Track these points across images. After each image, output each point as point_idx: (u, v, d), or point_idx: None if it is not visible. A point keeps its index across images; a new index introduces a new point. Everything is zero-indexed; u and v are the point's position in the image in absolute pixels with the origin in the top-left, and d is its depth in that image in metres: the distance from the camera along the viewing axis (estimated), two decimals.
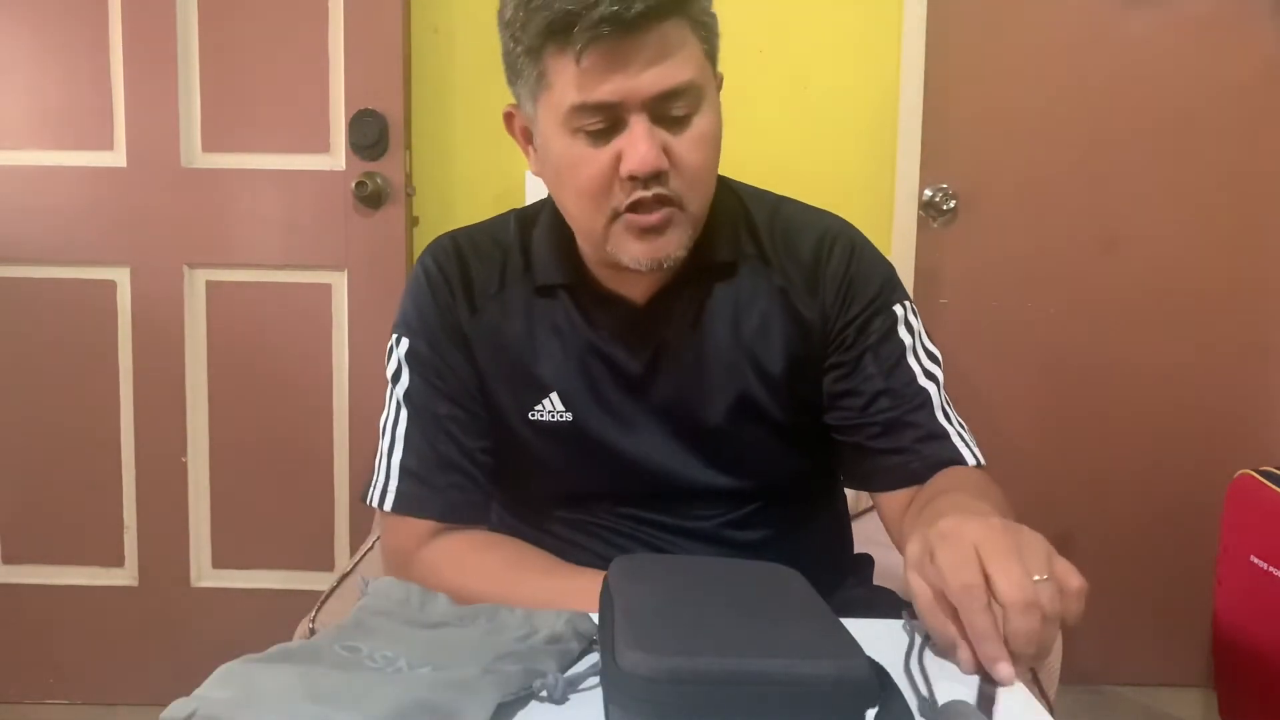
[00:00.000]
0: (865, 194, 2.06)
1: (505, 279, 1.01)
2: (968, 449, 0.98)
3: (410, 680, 0.66)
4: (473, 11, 2.02)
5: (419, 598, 0.80)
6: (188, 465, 2.04)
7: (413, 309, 1.02)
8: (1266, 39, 2.11)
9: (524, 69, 0.88)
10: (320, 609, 1.37)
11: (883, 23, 2.03)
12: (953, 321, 2.16)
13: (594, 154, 0.86)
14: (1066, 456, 2.22)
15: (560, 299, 0.99)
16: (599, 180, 0.87)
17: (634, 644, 0.59)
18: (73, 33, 1.95)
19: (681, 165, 0.87)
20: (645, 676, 0.58)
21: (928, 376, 0.99)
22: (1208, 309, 2.17)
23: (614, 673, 0.60)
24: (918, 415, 0.97)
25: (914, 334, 1.00)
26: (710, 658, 0.58)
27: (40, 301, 2.01)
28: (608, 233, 0.90)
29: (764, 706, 0.58)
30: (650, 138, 0.84)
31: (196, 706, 0.60)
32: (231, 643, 0.88)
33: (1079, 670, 1.84)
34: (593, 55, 0.82)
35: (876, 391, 0.97)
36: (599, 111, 0.84)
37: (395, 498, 0.98)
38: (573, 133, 0.86)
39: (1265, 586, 1.84)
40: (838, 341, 0.99)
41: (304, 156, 1.97)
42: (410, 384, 1.00)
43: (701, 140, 0.88)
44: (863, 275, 0.99)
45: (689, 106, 0.86)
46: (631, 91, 0.83)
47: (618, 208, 0.88)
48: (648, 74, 0.82)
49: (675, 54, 0.84)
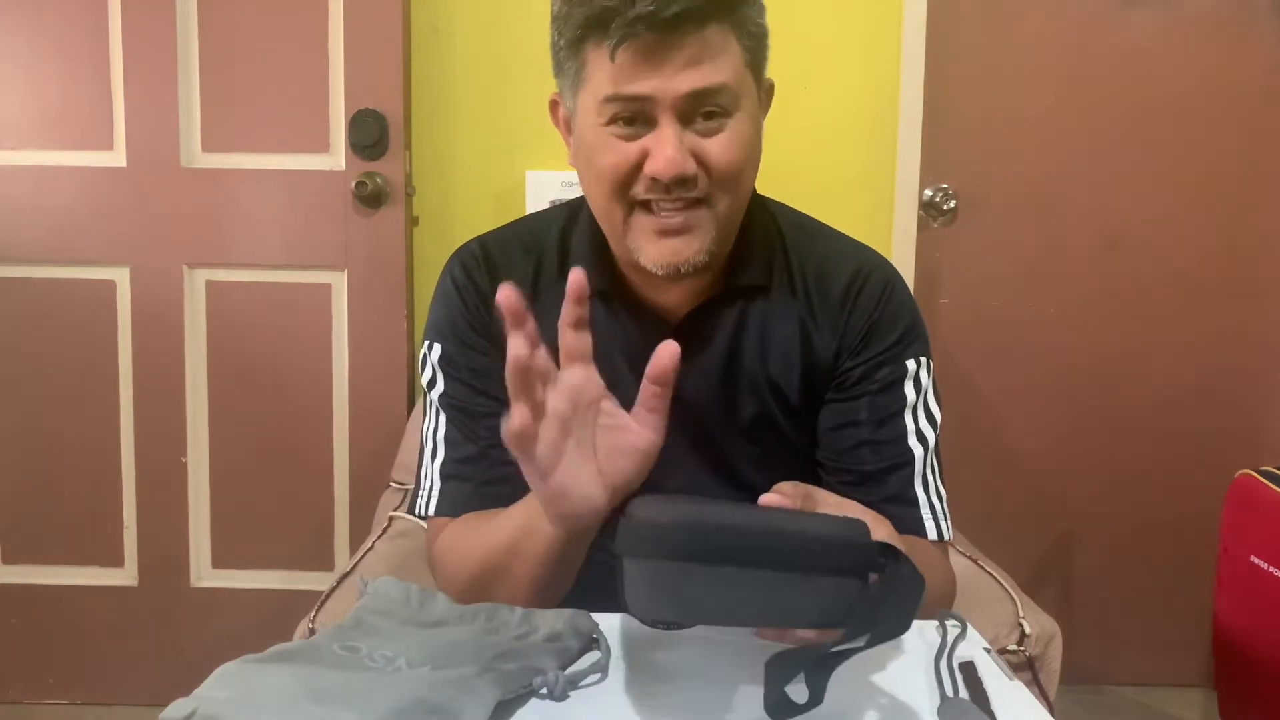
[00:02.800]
0: (865, 194, 2.06)
1: (539, 284, 1.00)
2: (934, 522, 0.97)
3: (410, 679, 0.66)
4: (473, 11, 2.02)
5: (418, 597, 0.80)
6: (188, 465, 2.04)
7: (442, 314, 1.01)
8: (1266, 39, 2.11)
9: (565, 62, 0.89)
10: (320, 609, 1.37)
11: (883, 23, 2.03)
12: (953, 321, 2.16)
13: (622, 145, 0.86)
14: (1066, 456, 2.22)
15: (596, 307, 0.99)
16: (622, 170, 0.87)
17: (646, 504, 0.63)
18: (73, 33, 1.95)
19: (711, 166, 0.86)
20: (655, 522, 0.61)
21: (919, 438, 0.97)
22: (1207, 309, 2.17)
23: (625, 529, 0.62)
24: (894, 475, 0.96)
25: (920, 391, 0.98)
26: (720, 512, 0.62)
27: (40, 301, 2.01)
28: (627, 227, 0.90)
29: (769, 559, 0.59)
30: (677, 142, 0.84)
31: (196, 706, 0.60)
32: (231, 643, 0.88)
33: (1079, 670, 1.84)
34: (627, 51, 0.82)
35: (861, 440, 0.96)
36: (630, 104, 0.85)
37: (438, 501, 0.98)
38: (605, 123, 0.87)
39: (1265, 586, 1.84)
40: (841, 379, 0.98)
41: (304, 156, 1.97)
42: (446, 387, 0.99)
43: (733, 143, 0.87)
44: (887, 319, 0.98)
45: (723, 110, 0.86)
46: (662, 89, 0.83)
47: (635, 199, 0.88)
48: (681, 74, 0.83)
49: (713, 58, 0.84)
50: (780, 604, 0.61)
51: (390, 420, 2.00)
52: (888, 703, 0.68)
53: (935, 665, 0.73)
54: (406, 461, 1.86)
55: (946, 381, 1.02)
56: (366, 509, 1.93)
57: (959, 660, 0.74)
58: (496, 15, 2.02)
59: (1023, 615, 1.39)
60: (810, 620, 0.62)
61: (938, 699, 0.69)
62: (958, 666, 0.73)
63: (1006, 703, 0.69)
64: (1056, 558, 2.26)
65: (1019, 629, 1.38)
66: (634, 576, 0.62)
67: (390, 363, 2.01)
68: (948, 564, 1.00)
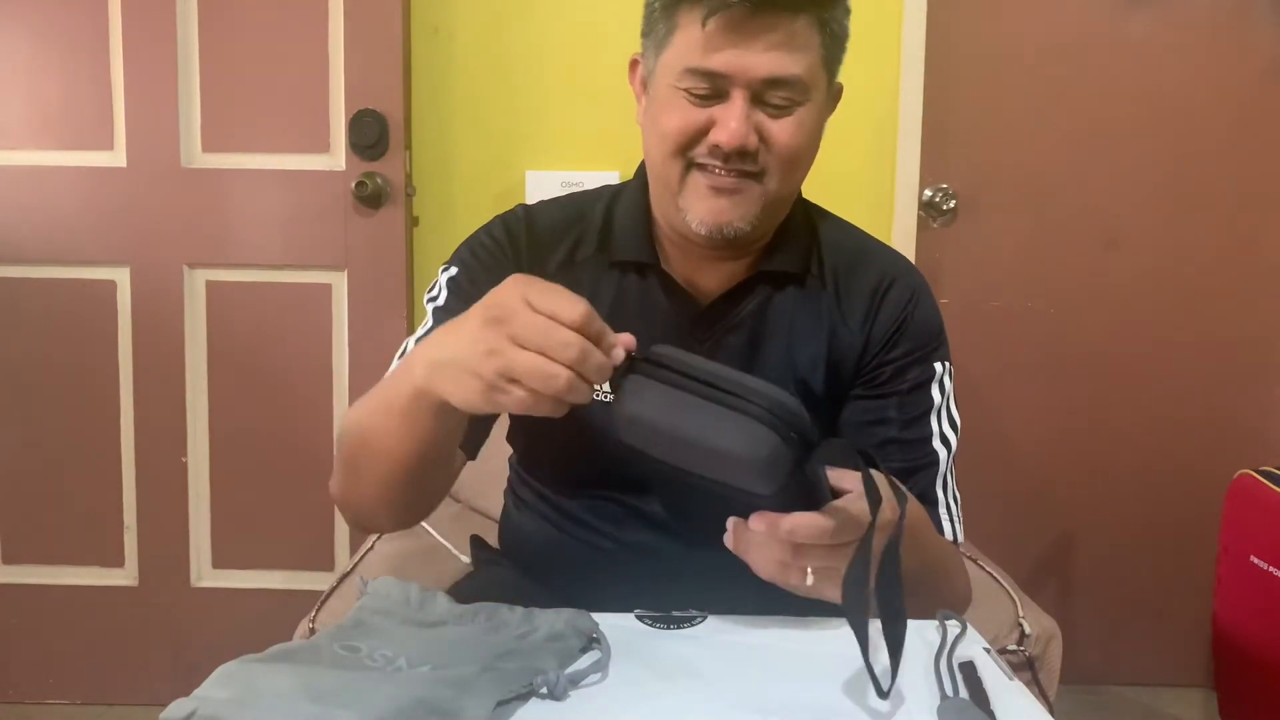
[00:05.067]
0: (865, 194, 2.06)
1: (576, 254, 1.01)
2: (950, 525, 0.98)
3: (410, 679, 0.66)
4: (473, 11, 2.02)
5: (418, 597, 0.80)
6: (188, 465, 2.04)
7: (468, 251, 1.02)
8: (1266, 39, 2.11)
9: (657, 22, 0.92)
10: (320, 609, 1.38)
11: (883, 23, 2.03)
12: (952, 321, 2.13)
13: (692, 110, 0.89)
14: (1067, 456, 2.22)
15: (631, 280, 1.00)
16: (689, 133, 0.89)
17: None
18: (73, 33, 1.95)
19: (772, 143, 0.89)
20: (653, 353, 0.70)
21: (942, 441, 0.99)
22: (1207, 309, 2.17)
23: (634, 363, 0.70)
24: (918, 476, 0.97)
25: (945, 395, 1.00)
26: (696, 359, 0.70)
27: (40, 301, 2.01)
28: (682, 184, 0.92)
29: (717, 396, 0.68)
30: (745, 116, 0.87)
31: (196, 706, 0.60)
32: (231, 643, 0.88)
33: (1079, 670, 1.84)
34: (719, 22, 0.85)
35: (889, 439, 0.97)
36: (708, 79, 0.88)
37: None
38: (681, 90, 0.89)
39: (1265, 586, 1.84)
40: (870, 376, 0.99)
41: (304, 156, 1.97)
42: (445, 301, 1.00)
43: (798, 128, 0.90)
44: (916, 321, 1.00)
45: (792, 99, 0.89)
46: (743, 68, 0.86)
47: (696, 158, 0.90)
48: (764, 56, 0.86)
49: (795, 48, 0.87)
50: (723, 444, 0.67)
51: None
52: (888, 702, 0.68)
53: (935, 665, 0.73)
54: None
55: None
56: None
57: (959, 660, 0.74)
58: (496, 15, 2.02)
59: (1023, 615, 1.39)
60: (747, 470, 0.67)
61: (938, 699, 0.69)
62: (958, 666, 0.73)
63: (1006, 703, 0.69)
64: (1056, 558, 2.26)
65: (1019, 629, 1.38)
66: (621, 396, 0.70)
67: (390, 363, 2.00)
68: (964, 566, 1.00)
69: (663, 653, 0.77)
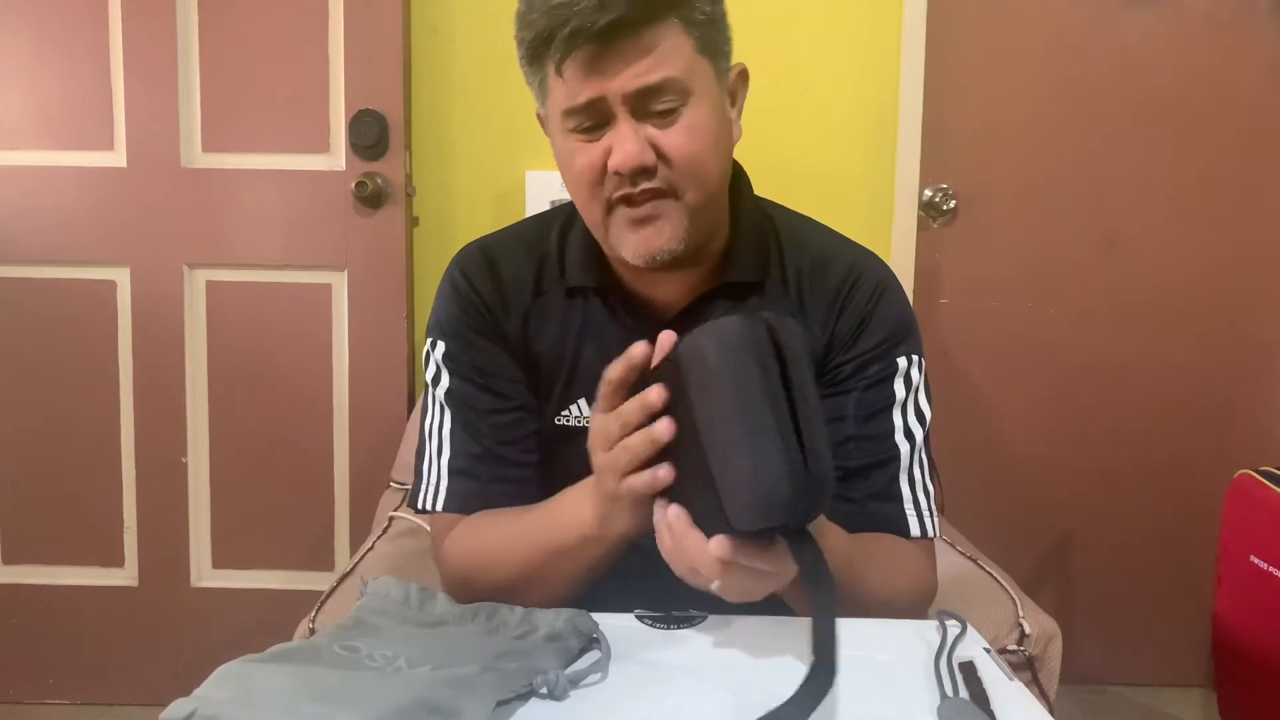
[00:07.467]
0: (865, 194, 2.06)
1: (541, 283, 1.01)
2: (917, 519, 0.97)
3: (410, 679, 0.66)
4: (473, 11, 2.02)
5: (418, 597, 0.80)
6: (188, 465, 2.04)
7: (444, 312, 1.02)
8: (1266, 39, 2.11)
9: (530, 79, 0.95)
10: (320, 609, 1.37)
11: (883, 23, 2.03)
12: (953, 321, 2.16)
13: (588, 148, 0.90)
14: (1066, 456, 2.22)
15: (592, 303, 1.00)
16: (592, 171, 0.90)
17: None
18: (73, 33, 1.95)
19: (670, 156, 0.89)
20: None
21: (906, 435, 0.97)
22: (1207, 309, 2.17)
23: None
24: (879, 472, 0.96)
25: (910, 388, 0.99)
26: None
27: (40, 301, 2.01)
28: (607, 225, 0.92)
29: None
30: (634, 135, 0.87)
31: (196, 706, 0.60)
32: (231, 643, 0.88)
33: (1079, 670, 1.84)
34: (571, 66, 0.86)
35: (848, 436, 0.96)
36: (585, 112, 0.88)
37: (446, 498, 0.98)
38: (570, 131, 0.91)
39: (1265, 586, 1.84)
40: (832, 373, 0.98)
41: (304, 156, 1.97)
42: (451, 383, 1.00)
43: (690, 132, 0.89)
44: (879, 316, 0.98)
45: (674, 101, 0.88)
46: (611, 90, 0.87)
47: (610, 197, 0.90)
48: (623, 74, 0.86)
49: (661, 53, 0.86)
50: (745, 459, 0.65)
51: (390, 420, 2.00)
52: (888, 702, 0.68)
53: (935, 665, 0.73)
54: (407, 461, 1.86)
55: (945, 381, 1.02)
56: (366, 509, 1.93)
57: (959, 660, 0.74)
58: (496, 15, 2.01)
59: (1023, 615, 1.39)
60: (742, 492, 0.66)
61: (937, 699, 0.69)
62: (957, 666, 0.73)
63: (1006, 703, 0.69)
64: (1056, 558, 2.26)
65: (1019, 629, 1.38)
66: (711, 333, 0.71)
67: (390, 363, 2.01)
68: (927, 563, 0.98)
69: (663, 653, 0.77)
